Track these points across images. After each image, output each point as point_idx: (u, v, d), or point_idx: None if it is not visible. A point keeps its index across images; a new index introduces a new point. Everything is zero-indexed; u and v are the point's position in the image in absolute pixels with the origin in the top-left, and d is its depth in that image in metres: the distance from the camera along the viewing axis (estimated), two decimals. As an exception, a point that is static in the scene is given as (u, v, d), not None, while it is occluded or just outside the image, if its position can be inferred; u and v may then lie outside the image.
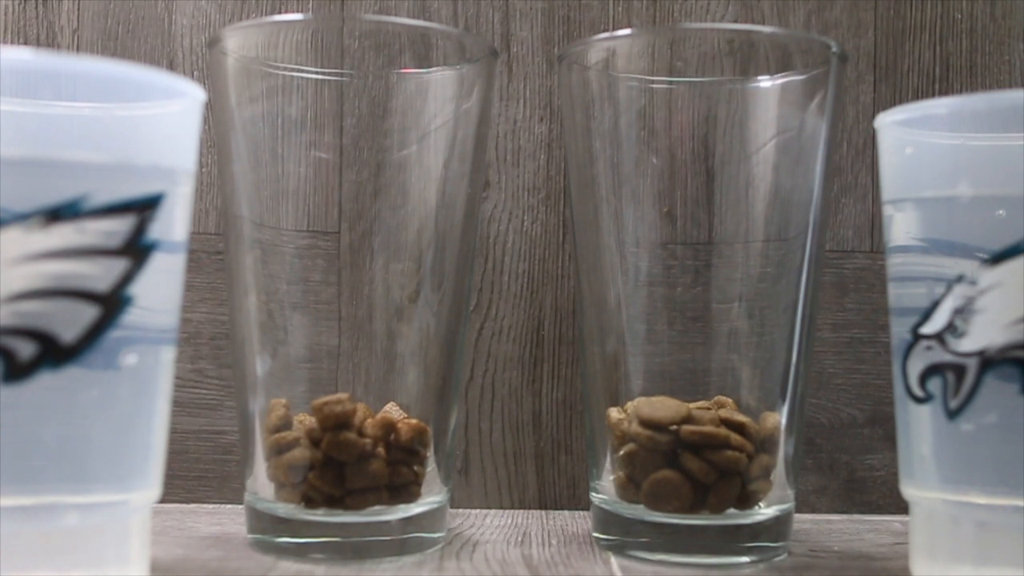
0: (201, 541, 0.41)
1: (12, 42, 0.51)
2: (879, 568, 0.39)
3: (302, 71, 0.40)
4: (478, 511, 0.50)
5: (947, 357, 0.34)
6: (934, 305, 0.34)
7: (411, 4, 0.51)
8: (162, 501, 0.34)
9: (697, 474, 0.38)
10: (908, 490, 0.36)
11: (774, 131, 0.40)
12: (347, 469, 0.38)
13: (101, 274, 0.30)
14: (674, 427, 0.39)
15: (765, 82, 0.41)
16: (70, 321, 0.29)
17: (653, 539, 0.39)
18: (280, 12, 0.51)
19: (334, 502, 0.38)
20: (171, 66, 0.51)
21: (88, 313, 0.30)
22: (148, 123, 0.32)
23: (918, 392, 0.35)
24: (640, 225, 0.41)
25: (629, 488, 0.40)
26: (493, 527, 0.46)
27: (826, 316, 0.52)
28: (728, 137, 0.41)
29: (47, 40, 0.51)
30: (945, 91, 0.53)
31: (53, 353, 0.29)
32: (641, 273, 0.41)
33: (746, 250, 0.40)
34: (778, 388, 0.40)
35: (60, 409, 0.29)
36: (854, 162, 0.52)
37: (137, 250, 0.30)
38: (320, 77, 0.40)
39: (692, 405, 0.40)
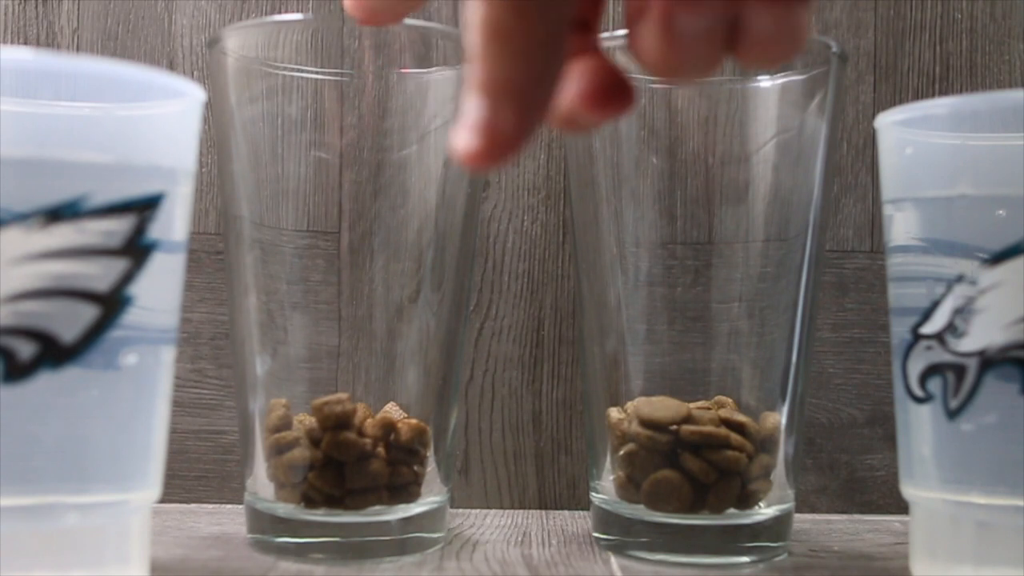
0: (201, 541, 0.41)
1: (12, 42, 0.51)
2: (879, 568, 0.39)
3: (302, 71, 0.40)
4: (478, 511, 0.50)
5: (947, 357, 0.34)
6: (934, 305, 0.34)
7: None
8: (162, 501, 0.34)
9: (697, 474, 0.38)
10: (908, 490, 0.36)
11: (774, 131, 0.40)
12: (347, 469, 0.38)
13: (101, 274, 0.30)
14: (674, 427, 0.39)
15: (765, 82, 0.41)
16: (70, 321, 0.29)
17: (653, 539, 0.39)
18: (280, 12, 0.51)
19: (334, 502, 0.38)
20: (171, 66, 0.51)
21: (88, 313, 0.30)
22: (148, 123, 0.32)
23: (918, 392, 0.35)
24: (640, 225, 0.41)
25: (629, 488, 0.40)
26: (493, 527, 0.46)
27: (826, 316, 0.52)
28: (728, 137, 0.41)
29: (47, 40, 0.51)
30: (945, 91, 0.53)
31: (53, 353, 0.29)
32: (641, 273, 0.41)
33: (746, 250, 0.40)
34: (778, 388, 0.40)
35: (60, 409, 0.29)
36: (854, 162, 0.52)
37: (137, 250, 0.30)
38: (320, 77, 0.40)
39: (692, 405, 0.40)
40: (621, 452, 0.40)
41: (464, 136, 0.23)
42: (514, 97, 0.23)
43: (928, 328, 0.34)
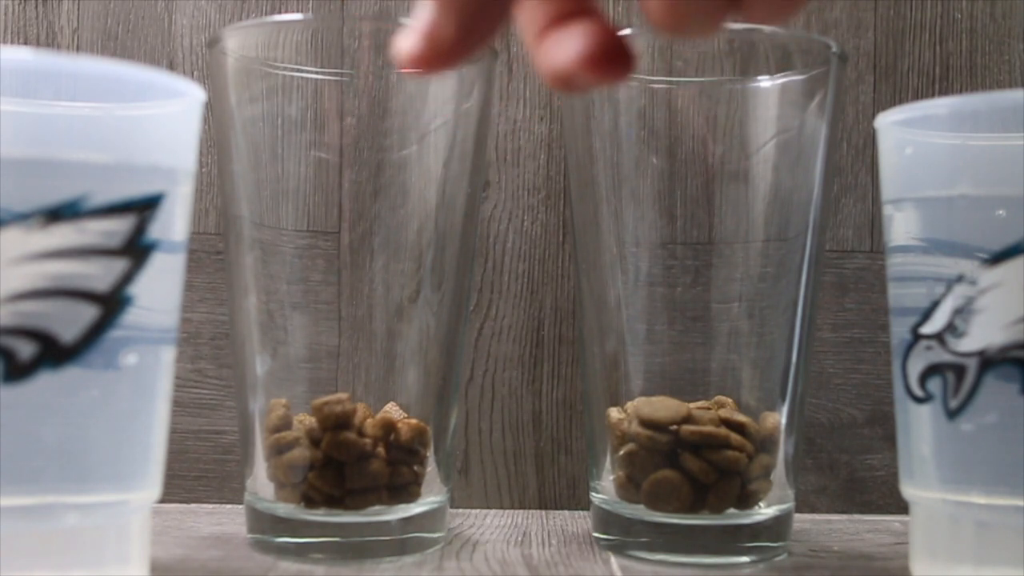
0: (201, 541, 0.41)
1: (12, 42, 0.51)
2: (879, 568, 0.39)
3: (302, 71, 0.40)
4: (478, 511, 0.50)
5: (947, 357, 0.34)
6: (934, 305, 0.34)
7: (411, 4, 0.51)
8: (162, 501, 0.34)
9: (697, 474, 0.38)
10: (908, 490, 0.36)
11: (774, 131, 0.40)
12: (347, 469, 0.38)
13: (101, 274, 0.30)
14: (674, 427, 0.39)
15: (765, 82, 0.41)
16: (70, 321, 0.29)
17: (653, 539, 0.39)
18: (280, 12, 0.51)
19: (334, 502, 0.38)
20: (171, 66, 0.51)
21: (88, 313, 0.30)
22: (148, 123, 0.32)
23: (918, 392, 0.35)
24: (640, 225, 0.41)
25: (629, 488, 0.40)
26: (493, 527, 0.46)
27: (826, 316, 0.52)
28: (728, 137, 0.41)
29: (47, 40, 0.51)
30: (945, 91, 0.53)
31: (53, 353, 0.29)
32: (641, 273, 0.41)
33: (746, 250, 0.40)
34: (778, 388, 0.40)
35: (60, 409, 0.29)
36: (854, 162, 0.52)
37: (137, 250, 0.30)
38: (320, 77, 0.40)
39: (692, 405, 0.40)
40: (621, 452, 0.40)
41: (406, 38, 0.25)
42: (457, 7, 0.25)
43: (928, 328, 0.34)
